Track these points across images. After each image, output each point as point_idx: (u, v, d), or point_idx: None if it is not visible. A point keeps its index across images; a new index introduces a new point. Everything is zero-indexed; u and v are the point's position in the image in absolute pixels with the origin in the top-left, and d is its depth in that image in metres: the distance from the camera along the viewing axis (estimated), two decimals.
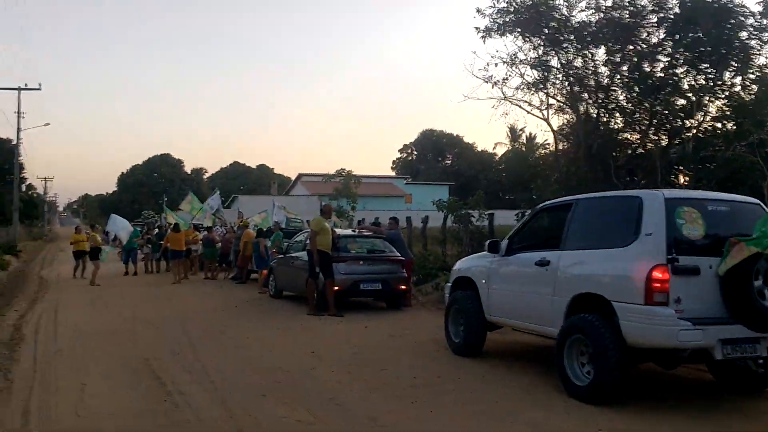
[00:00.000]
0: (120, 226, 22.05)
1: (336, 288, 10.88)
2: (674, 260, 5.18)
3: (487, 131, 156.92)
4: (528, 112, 12.96)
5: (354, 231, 12.62)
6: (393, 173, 78.82)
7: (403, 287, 11.65)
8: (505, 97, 12.74)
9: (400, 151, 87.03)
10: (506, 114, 13.07)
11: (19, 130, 34.58)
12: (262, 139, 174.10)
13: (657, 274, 5.15)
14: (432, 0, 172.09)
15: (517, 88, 12.66)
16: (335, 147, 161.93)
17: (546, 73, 12.59)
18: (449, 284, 8.08)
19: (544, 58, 12.41)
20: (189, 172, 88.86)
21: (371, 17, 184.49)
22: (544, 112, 13.13)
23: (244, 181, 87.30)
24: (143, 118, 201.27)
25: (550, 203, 6.87)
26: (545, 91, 12.88)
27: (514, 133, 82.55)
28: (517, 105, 12.85)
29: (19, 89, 33.77)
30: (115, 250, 23.46)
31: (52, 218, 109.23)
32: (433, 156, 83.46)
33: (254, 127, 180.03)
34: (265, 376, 6.37)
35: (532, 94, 12.74)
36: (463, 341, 7.36)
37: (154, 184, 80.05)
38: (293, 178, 71.38)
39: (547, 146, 77.14)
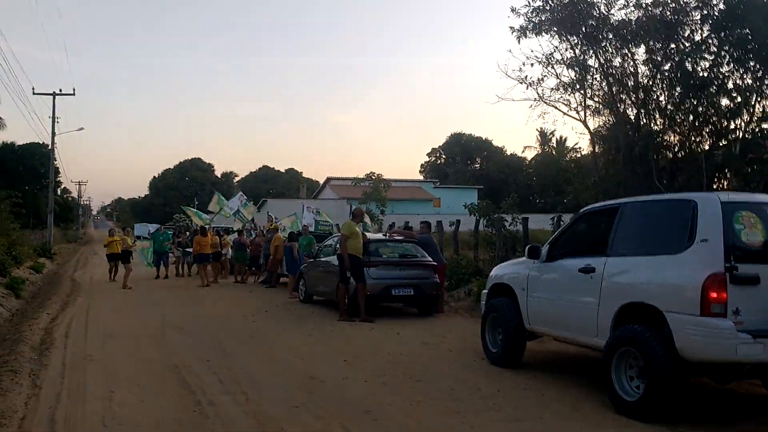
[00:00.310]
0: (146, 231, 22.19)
1: (367, 293, 10.66)
2: (732, 268, 4.82)
3: (516, 134, 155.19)
4: (564, 114, 12.58)
5: (385, 235, 12.38)
6: (421, 177, 78.43)
7: (435, 293, 11.37)
8: (541, 98, 12.40)
9: (429, 154, 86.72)
10: (543, 115, 12.70)
11: (53, 134, 35.17)
12: (291, 143, 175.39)
13: (714, 284, 4.80)
14: (461, 2, 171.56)
15: (553, 89, 12.30)
16: (363, 151, 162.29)
17: (583, 73, 12.20)
18: (486, 291, 7.78)
19: (581, 58, 12.03)
20: (219, 175, 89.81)
21: (400, 23, 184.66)
22: (581, 114, 12.72)
23: (273, 184, 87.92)
24: (175, 122, 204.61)
25: (594, 207, 6.54)
26: (582, 91, 12.49)
27: (544, 137, 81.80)
28: (553, 106, 12.49)
29: (54, 94, 34.38)
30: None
31: (87, 221, 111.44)
32: (462, 160, 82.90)
33: (284, 131, 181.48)
34: (297, 386, 6.16)
35: (569, 94, 12.37)
36: (501, 351, 7.05)
37: (185, 187, 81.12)
38: (322, 182, 71.58)
39: (579, 150, 75.95)
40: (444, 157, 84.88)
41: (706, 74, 11.50)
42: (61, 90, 34.83)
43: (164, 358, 7.56)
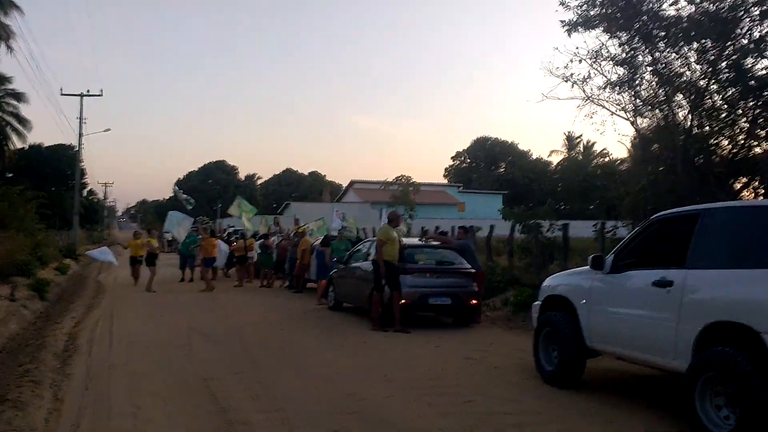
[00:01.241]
0: (176, 222, 21.91)
1: (402, 302, 10.12)
2: None
3: (543, 137, 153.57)
4: (613, 113, 11.88)
5: (421, 240, 11.82)
6: (445, 181, 77.69)
7: (474, 302, 10.78)
8: (589, 98, 11.72)
9: (453, 158, 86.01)
10: (592, 115, 12.01)
11: (80, 135, 35.29)
12: (315, 146, 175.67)
13: None
14: (483, 2, 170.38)
15: (601, 88, 11.62)
16: (387, 154, 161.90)
17: (633, 72, 11.51)
18: (538, 303, 7.18)
19: (631, 55, 11.35)
20: (243, 178, 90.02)
21: (420, 25, 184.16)
22: (630, 114, 12.03)
23: (296, 188, 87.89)
24: (199, 125, 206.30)
25: (667, 214, 5.90)
26: (631, 91, 11.79)
27: (571, 141, 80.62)
28: (601, 105, 11.80)
29: (82, 95, 34.53)
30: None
31: (112, 223, 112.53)
32: (486, 164, 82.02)
33: (307, 134, 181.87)
34: (337, 406, 5.63)
35: (618, 93, 11.68)
36: (557, 370, 6.45)
37: (209, 190, 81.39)
38: (344, 185, 71.28)
39: (607, 155, 74.54)
40: (468, 161, 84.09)
41: (765, 73, 10.76)
42: (88, 91, 35.01)
43: (192, 369, 7.09)
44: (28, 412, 5.10)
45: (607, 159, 75.52)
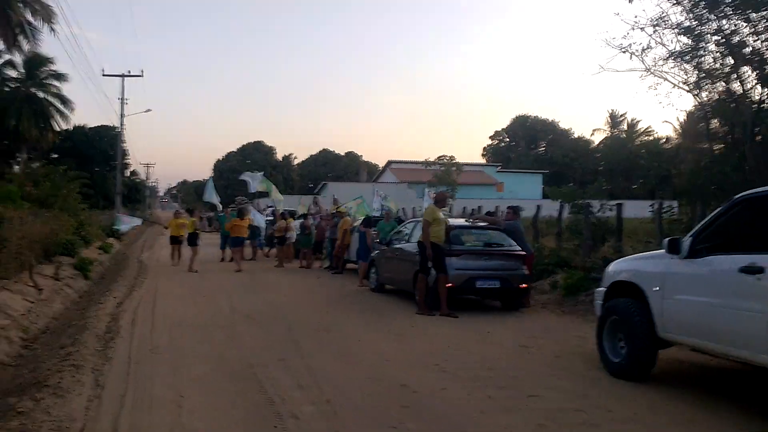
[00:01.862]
0: (211, 193, 21.93)
1: (448, 285, 9.71)
2: None
3: (584, 116, 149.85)
4: (675, 86, 11.14)
5: (468, 221, 11.34)
6: (483, 160, 76.49)
7: (523, 286, 10.29)
8: (649, 70, 11.00)
9: (492, 137, 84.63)
10: (656, 86, 11.28)
11: (122, 116, 35.62)
12: (350, 126, 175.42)
13: None
14: None
15: (663, 59, 10.88)
16: (423, 134, 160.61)
17: (697, 41, 10.74)
18: (602, 289, 6.68)
19: (696, 23, 10.57)
20: (280, 158, 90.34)
21: (459, 4, 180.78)
22: (691, 87, 11.26)
23: (332, 168, 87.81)
24: (238, 106, 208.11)
25: (756, 192, 5.28)
26: (694, 62, 11.02)
27: (614, 119, 78.37)
28: (662, 77, 11.07)
29: (123, 76, 34.76)
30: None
31: (153, 203, 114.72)
32: (526, 143, 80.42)
33: (343, 115, 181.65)
34: (389, 397, 5.27)
35: (679, 65, 10.93)
36: (626, 361, 5.95)
37: (247, 170, 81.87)
38: (381, 165, 70.84)
39: (652, 133, 72.15)
40: (507, 139, 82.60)
41: None
42: (129, 72, 35.19)
43: (236, 354, 6.83)
44: (68, 399, 4.89)
45: (651, 137, 73.44)
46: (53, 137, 41.47)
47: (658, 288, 5.70)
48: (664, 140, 69.35)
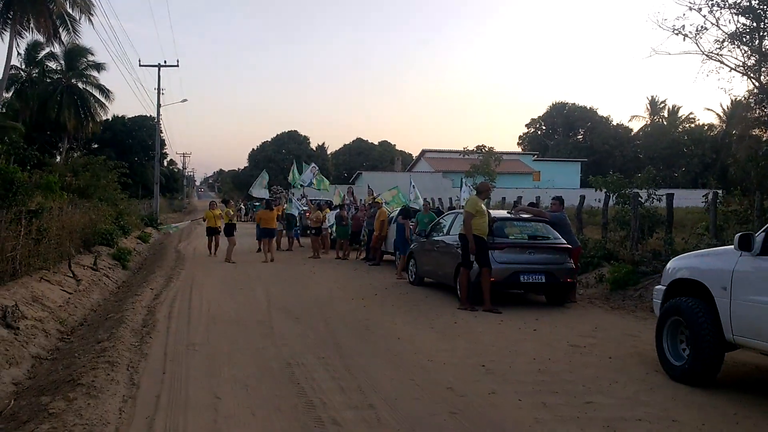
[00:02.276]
0: (259, 188, 21.85)
1: (492, 279, 9.33)
2: None
3: (621, 103, 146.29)
4: (733, 69, 10.49)
5: (511, 213, 10.91)
6: (519, 149, 75.20)
7: (569, 280, 9.84)
8: (705, 53, 10.36)
9: (528, 125, 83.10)
10: (717, 71, 10.66)
11: (158, 106, 35.85)
12: (385, 116, 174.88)
13: None
14: None
15: (719, 41, 10.24)
16: (458, 123, 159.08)
17: (757, 22, 10.06)
18: (661, 287, 6.23)
19: (757, 2, 9.89)
20: (314, 148, 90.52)
21: None
22: (748, 70, 10.58)
23: (366, 157, 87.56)
24: (272, 95, 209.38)
25: None
26: (752, 44, 10.34)
27: (654, 106, 76.10)
28: (718, 61, 10.43)
29: (159, 66, 34.96)
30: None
31: (191, 192, 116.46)
32: (564, 131, 78.73)
33: (377, 104, 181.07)
34: (435, 402, 4.96)
35: (737, 47, 10.26)
36: (690, 365, 5.51)
37: (282, 160, 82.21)
38: (414, 155, 70.27)
39: (694, 119, 69.87)
40: (544, 128, 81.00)
41: None
42: (165, 62, 35.42)
43: (274, 351, 6.61)
44: (102, 400, 4.70)
45: (694, 124, 71.11)
46: (93, 127, 42.18)
47: (725, 288, 5.24)
48: (707, 127, 67.22)
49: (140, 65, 35.05)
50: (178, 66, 35.93)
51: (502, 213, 10.88)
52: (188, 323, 8.12)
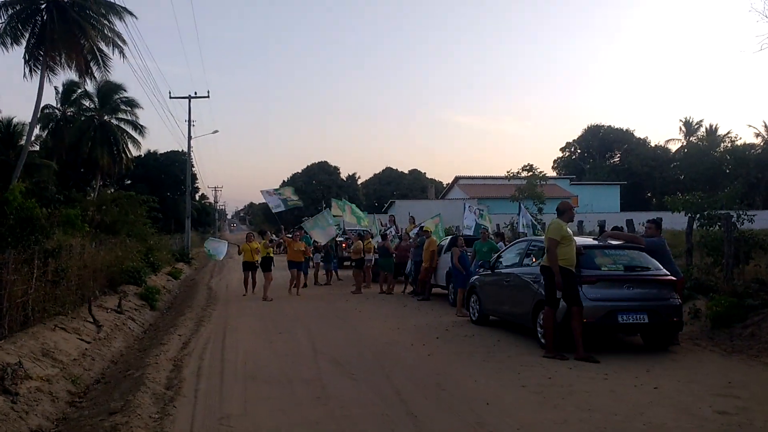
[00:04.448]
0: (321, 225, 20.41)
1: (584, 320, 7.69)
2: None
3: (653, 126, 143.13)
4: None
5: (598, 240, 9.24)
6: (554, 173, 73.19)
7: (677, 319, 8.13)
8: None
9: (562, 149, 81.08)
10: None
11: (189, 137, 35.20)
12: (415, 145, 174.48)
13: None
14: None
15: None
16: (490, 150, 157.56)
17: None
18: None
19: None
20: (344, 178, 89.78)
21: (527, 17, 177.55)
22: None
23: (397, 186, 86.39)
24: (302, 127, 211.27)
25: None
26: None
27: (689, 127, 73.49)
28: None
29: (190, 97, 34.37)
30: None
31: (222, 225, 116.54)
32: (600, 153, 76.46)
33: (406, 134, 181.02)
34: None
35: None
36: None
37: (312, 191, 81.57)
38: (445, 183, 68.77)
39: (735, 139, 67.33)
40: (579, 151, 78.84)
41: None
42: (196, 93, 34.86)
43: (333, 427, 5.07)
44: None
45: (735, 143, 68.25)
46: (126, 164, 41.81)
47: None
48: (749, 146, 64.42)
49: (170, 97, 34.37)
50: (208, 97, 35.35)
51: (587, 240, 9.21)
52: (221, 383, 6.64)
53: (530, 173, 21.62)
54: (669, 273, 8.31)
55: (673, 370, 7.12)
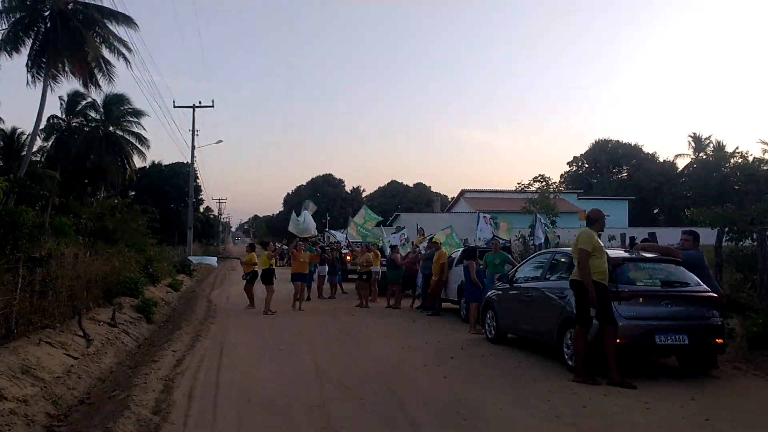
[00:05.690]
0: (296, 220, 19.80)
1: (617, 341, 6.95)
2: None
3: (662, 142, 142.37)
4: None
5: (630, 252, 8.48)
6: (561, 188, 72.42)
7: (720, 341, 7.37)
8: None
9: (569, 164, 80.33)
10: None
11: (193, 147, 34.71)
12: (418, 159, 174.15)
13: None
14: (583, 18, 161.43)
15: None
16: (495, 164, 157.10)
17: None
18: None
19: None
20: (349, 191, 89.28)
21: (524, 32, 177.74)
22: None
23: (401, 199, 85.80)
24: (307, 139, 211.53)
25: None
26: None
27: (698, 142, 72.76)
28: None
29: (194, 107, 33.91)
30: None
31: (226, 237, 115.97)
32: (608, 168, 75.70)
33: (411, 147, 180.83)
34: None
35: None
36: None
37: (317, 203, 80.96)
38: (450, 196, 68.06)
39: (745, 155, 66.65)
40: (587, 165, 78.09)
41: None
42: (200, 102, 34.39)
43: None
44: None
45: (745, 159, 67.40)
46: (131, 175, 41.33)
47: None
48: (758, 162, 63.55)
49: (175, 106, 33.93)
50: (213, 106, 34.87)
51: (618, 252, 8.46)
52: (214, 408, 5.91)
53: (542, 184, 20.89)
54: (710, 289, 7.57)
55: (719, 397, 6.37)
